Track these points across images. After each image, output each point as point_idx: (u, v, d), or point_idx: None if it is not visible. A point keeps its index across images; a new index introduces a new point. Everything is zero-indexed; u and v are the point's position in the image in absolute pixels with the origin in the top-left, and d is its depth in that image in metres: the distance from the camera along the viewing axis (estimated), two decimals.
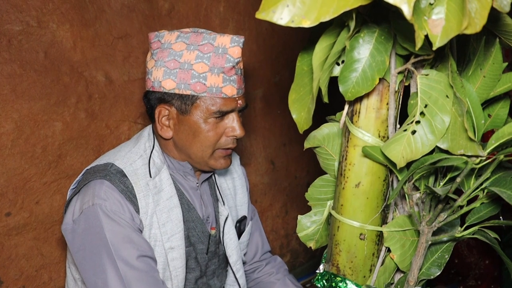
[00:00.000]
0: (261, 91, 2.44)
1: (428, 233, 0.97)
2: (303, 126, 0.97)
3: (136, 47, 2.01)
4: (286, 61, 2.49)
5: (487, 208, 0.97)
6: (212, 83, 1.37)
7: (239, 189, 1.73)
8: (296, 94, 0.97)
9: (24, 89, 1.73)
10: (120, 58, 1.97)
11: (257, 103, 2.43)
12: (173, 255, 1.44)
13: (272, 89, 2.48)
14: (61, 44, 1.80)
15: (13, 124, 1.71)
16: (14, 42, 1.70)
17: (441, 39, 0.75)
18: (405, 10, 0.65)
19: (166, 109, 1.43)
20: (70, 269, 1.51)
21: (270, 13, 0.76)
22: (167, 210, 1.43)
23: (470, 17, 0.68)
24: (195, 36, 1.39)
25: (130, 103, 2.01)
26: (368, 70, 0.89)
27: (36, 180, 1.79)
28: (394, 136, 0.92)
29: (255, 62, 2.36)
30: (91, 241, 1.35)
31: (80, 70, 1.86)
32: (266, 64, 2.43)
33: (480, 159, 0.88)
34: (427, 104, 0.90)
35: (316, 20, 0.75)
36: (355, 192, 1.00)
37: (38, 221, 1.81)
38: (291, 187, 2.64)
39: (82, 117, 1.88)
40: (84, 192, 1.39)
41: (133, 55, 2.00)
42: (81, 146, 1.89)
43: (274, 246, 2.61)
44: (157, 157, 1.47)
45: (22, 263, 1.79)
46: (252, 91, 2.38)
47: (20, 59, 1.72)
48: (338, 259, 1.05)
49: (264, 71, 2.43)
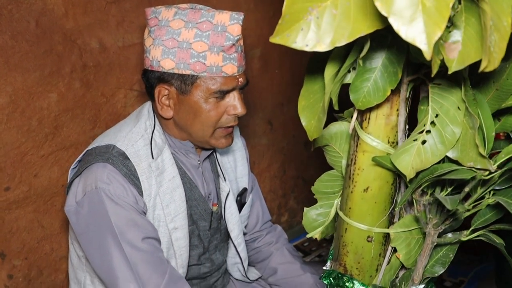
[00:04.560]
0: (259, 51, 2.39)
1: (434, 235, 0.99)
2: (313, 134, 0.96)
3: (129, 11, 1.94)
4: None
5: (493, 210, 0.98)
6: (212, 62, 1.34)
7: (239, 161, 1.73)
8: (306, 101, 0.96)
9: (17, 61, 1.68)
10: (113, 24, 1.90)
11: (254, 63, 2.38)
12: (177, 235, 1.46)
13: (269, 48, 2.42)
14: (53, 11, 1.74)
15: (8, 98, 1.68)
16: (4, 12, 1.63)
17: (457, 64, 0.73)
18: (424, 51, 0.62)
19: (165, 89, 1.40)
20: (74, 245, 1.53)
21: (285, 37, 0.73)
22: (170, 191, 1.44)
23: (490, 53, 0.66)
24: (193, 13, 1.34)
25: (125, 69, 1.96)
26: (380, 81, 0.87)
27: (33, 153, 1.78)
28: (403, 146, 0.91)
29: (252, 20, 2.29)
30: (96, 225, 1.36)
31: (73, 38, 1.80)
32: (263, 22, 2.36)
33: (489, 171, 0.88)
34: (438, 114, 0.89)
35: (332, 45, 0.73)
36: (364, 196, 1.00)
37: (37, 194, 1.81)
38: (289, 146, 2.65)
39: (77, 87, 1.84)
40: (87, 175, 1.38)
41: (127, 19, 1.93)
42: (77, 116, 1.86)
43: (272, 206, 2.64)
44: (158, 137, 1.46)
45: (23, 236, 1.80)
46: (250, 51, 2.32)
47: (11, 29, 1.65)
48: (346, 260, 1.07)
49: (261, 29, 2.36)
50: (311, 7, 0.73)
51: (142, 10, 1.95)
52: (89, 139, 1.90)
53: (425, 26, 0.63)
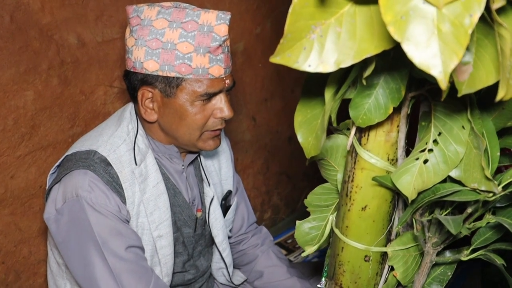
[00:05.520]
0: (242, 45, 2.32)
1: (433, 254, 0.96)
2: (310, 152, 0.91)
3: (108, 5, 1.85)
4: (267, 11, 2.36)
5: (493, 229, 0.95)
6: (198, 64, 1.29)
7: (223, 163, 1.68)
8: (302, 117, 0.91)
9: None
10: (92, 18, 1.82)
11: (238, 57, 2.32)
12: (161, 243, 1.41)
13: (253, 42, 2.36)
14: (28, 6, 1.65)
15: None
16: None
17: (468, 87, 0.69)
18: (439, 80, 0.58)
19: (149, 92, 1.34)
20: (53, 252, 1.47)
21: (286, 57, 0.68)
22: (154, 198, 1.38)
23: (508, 84, 0.62)
24: (178, 12, 1.28)
25: (104, 66, 1.89)
26: (382, 98, 0.83)
27: (9, 154, 1.70)
28: (405, 165, 0.87)
29: (236, 13, 2.23)
30: (77, 234, 1.30)
31: (50, 33, 1.72)
32: (247, 15, 2.30)
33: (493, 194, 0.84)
34: (441, 132, 0.85)
35: (336, 65, 0.68)
36: (362, 215, 0.97)
37: (14, 196, 1.74)
38: (272, 142, 2.60)
39: (55, 84, 1.76)
40: (66, 182, 1.32)
41: (106, 13, 1.85)
42: (55, 115, 1.79)
43: (255, 203, 2.60)
44: (141, 142, 1.40)
45: (0, 240, 1.73)
46: (233, 45, 2.26)
47: None
48: (342, 279, 1.03)
49: (245, 22, 2.30)
50: (314, 25, 0.68)
51: (122, 4, 1.87)
52: (67, 138, 1.83)
53: (441, 53, 0.58)
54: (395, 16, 0.59)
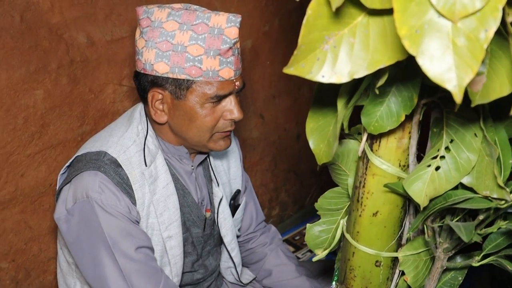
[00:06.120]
0: (250, 42, 2.32)
1: (444, 259, 0.96)
2: (322, 158, 0.92)
3: (117, 4, 1.86)
4: (276, 9, 2.35)
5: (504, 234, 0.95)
6: (208, 67, 1.29)
7: (232, 163, 1.68)
8: (314, 123, 0.91)
9: (1, 58, 1.60)
10: (101, 17, 1.82)
11: (246, 55, 2.32)
12: (171, 243, 1.42)
13: (261, 39, 2.35)
14: (38, 5, 1.66)
15: None
16: None
17: (481, 97, 0.69)
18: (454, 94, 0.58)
19: (159, 93, 1.34)
20: (63, 251, 1.48)
21: (299, 67, 0.68)
22: (164, 198, 1.39)
23: None
24: (188, 15, 1.28)
25: (113, 64, 1.89)
26: (394, 106, 0.83)
27: (19, 152, 1.71)
28: (416, 171, 0.87)
29: (244, 11, 2.22)
30: (88, 234, 1.31)
31: (60, 32, 1.72)
32: (255, 12, 2.29)
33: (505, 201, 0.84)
34: (453, 139, 0.85)
35: (350, 76, 0.68)
36: (373, 221, 0.97)
37: (24, 194, 1.75)
38: (280, 140, 2.60)
39: (64, 83, 1.77)
40: (77, 183, 1.33)
41: (115, 12, 1.86)
42: (65, 113, 1.80)
43: (263, 200, 2.60)
44: (151, 143, 1.40)
45: (10, 238, 1.75)
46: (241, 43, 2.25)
47: None
48: (353, 284, 1.04)
49: (253, 20, 2.29)
50: (327, 35, 0.68)
51: (131, 2, 1.87)
52: (77, 136, 1.84)
53: (456, 68, 0.58)
54: (410, 30, 0.59)
